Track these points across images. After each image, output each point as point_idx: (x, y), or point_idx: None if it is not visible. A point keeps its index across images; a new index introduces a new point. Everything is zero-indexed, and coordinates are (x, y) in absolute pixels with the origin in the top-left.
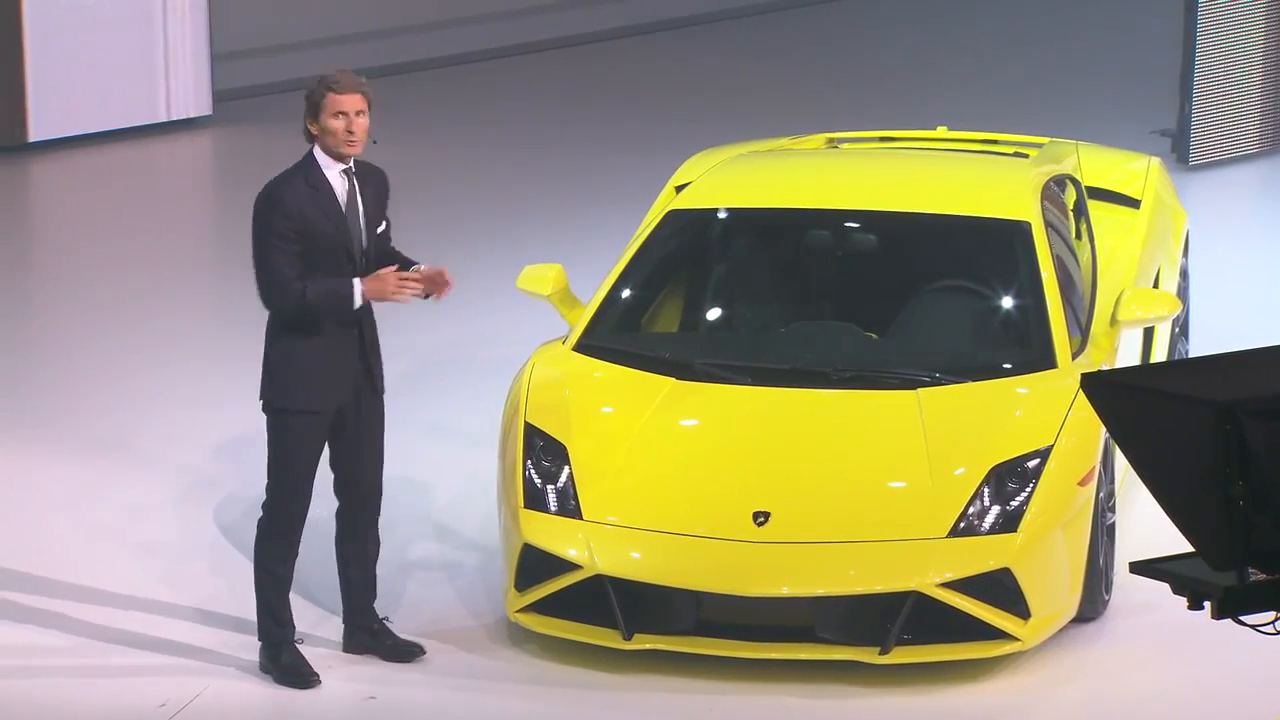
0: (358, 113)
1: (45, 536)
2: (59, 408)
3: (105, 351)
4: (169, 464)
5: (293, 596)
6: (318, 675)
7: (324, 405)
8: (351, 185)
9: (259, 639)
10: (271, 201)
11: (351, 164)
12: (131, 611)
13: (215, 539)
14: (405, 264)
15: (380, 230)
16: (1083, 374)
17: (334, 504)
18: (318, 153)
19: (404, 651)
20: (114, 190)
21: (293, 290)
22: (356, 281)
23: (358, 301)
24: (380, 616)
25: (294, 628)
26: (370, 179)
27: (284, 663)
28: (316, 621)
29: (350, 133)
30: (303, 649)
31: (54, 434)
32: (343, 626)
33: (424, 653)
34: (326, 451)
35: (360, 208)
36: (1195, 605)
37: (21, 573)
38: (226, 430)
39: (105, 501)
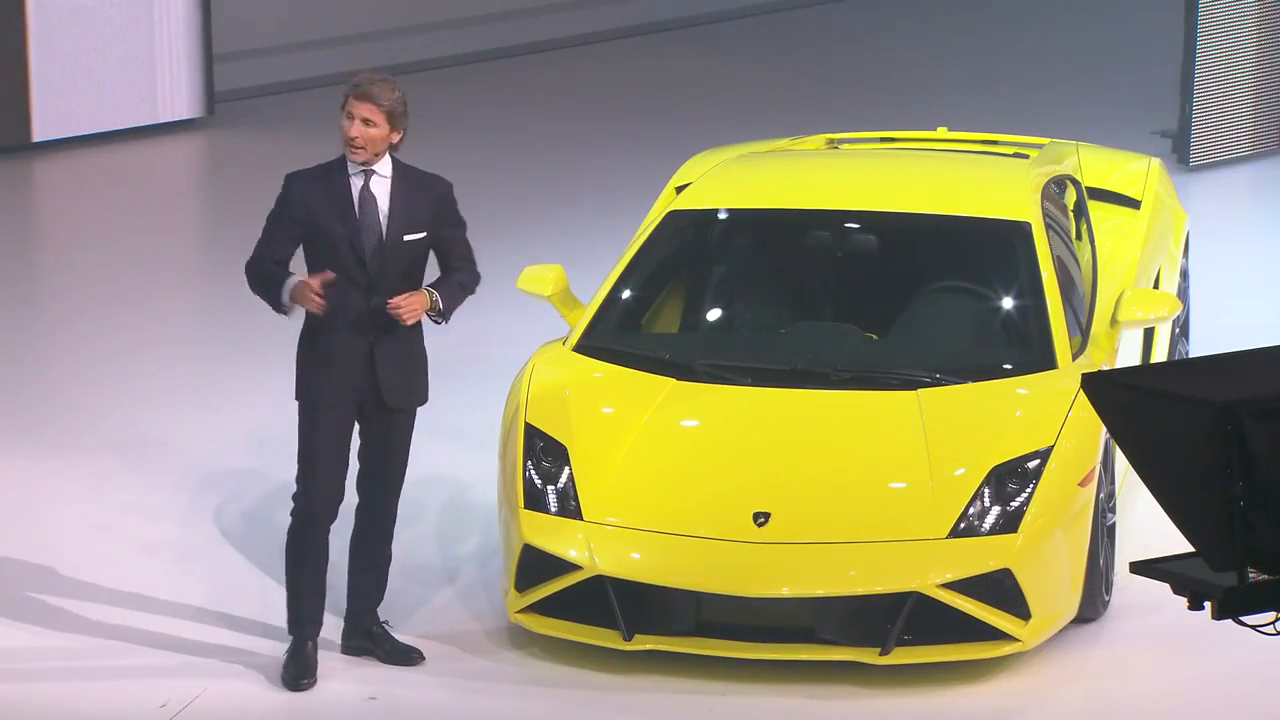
0: (365, 120)
1: (47, 536)
2: (61, 408)
3: (107, 352)
4: (169, 465)
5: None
6: (311, 680)
7: (325, 402)
8: (369, 189)
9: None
10: (284, 187)
11: (384, 169)
12: (133, 611)
13: (217, 540)
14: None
15: (411, 239)
16: (1083, 374)
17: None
18: None
19: (403, 655)
20: (117, 191)
21: (257, 267)
22: (292, 278)
23: (284, 296)
24: (381, 620)
25: (315, 625)
26: (420, 187)
27: (292, 660)
28: None
29: (352, 138)
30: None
31: (55, 434)
32: (343, 627)
33: (423, 658)
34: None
35: (382, 212)
36: (1195, 605)
37: (23, 573)
38: (226, 432)
39: (106, 502)
